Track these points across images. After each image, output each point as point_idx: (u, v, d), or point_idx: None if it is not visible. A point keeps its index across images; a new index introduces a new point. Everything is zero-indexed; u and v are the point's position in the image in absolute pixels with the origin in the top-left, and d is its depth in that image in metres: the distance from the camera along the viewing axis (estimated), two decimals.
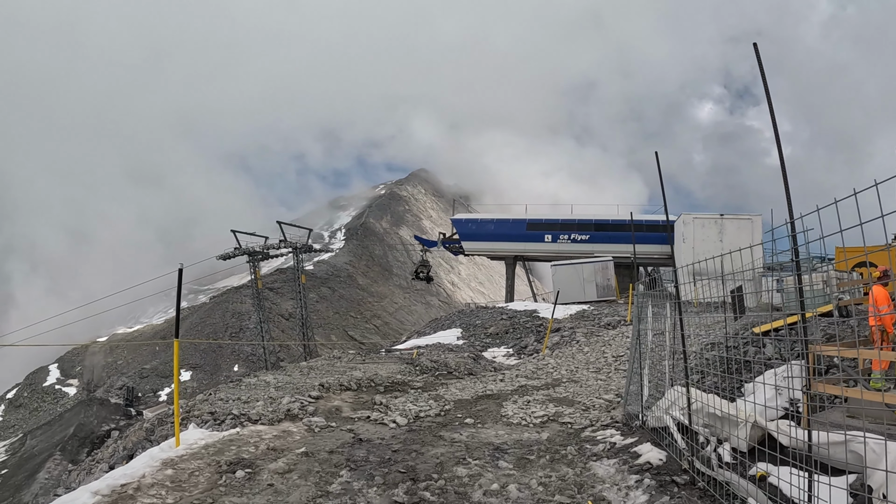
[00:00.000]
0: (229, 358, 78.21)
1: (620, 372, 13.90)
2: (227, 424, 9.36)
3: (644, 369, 9.12)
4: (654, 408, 7.62)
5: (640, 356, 7.90)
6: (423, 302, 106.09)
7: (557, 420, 8.98)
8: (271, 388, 12.01)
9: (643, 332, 8.24)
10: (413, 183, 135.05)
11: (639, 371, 8.95)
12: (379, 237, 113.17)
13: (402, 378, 13.27)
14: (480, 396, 11.26)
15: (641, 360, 7.86)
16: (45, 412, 76.57)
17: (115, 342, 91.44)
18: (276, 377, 13.24)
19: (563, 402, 10.60)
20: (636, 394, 8.74)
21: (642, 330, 9.20)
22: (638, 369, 8.22)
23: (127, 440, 12.17)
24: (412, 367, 14.87)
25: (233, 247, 50.90)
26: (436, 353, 17.08)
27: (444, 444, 7.47)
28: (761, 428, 4.89)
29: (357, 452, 7.22)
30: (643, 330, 9.53)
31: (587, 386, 12.24)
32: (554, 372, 14.17)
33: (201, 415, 9.96)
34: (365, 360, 15.95)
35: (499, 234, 41.68)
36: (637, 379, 9.45)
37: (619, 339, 17.74)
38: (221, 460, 7.00)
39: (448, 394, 11.57)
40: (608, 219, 41.06)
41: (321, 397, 11.16)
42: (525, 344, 20.50)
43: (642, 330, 9.20)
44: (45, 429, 56.94)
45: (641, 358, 7.89)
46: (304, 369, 14.47)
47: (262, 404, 10.35)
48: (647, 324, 9.17)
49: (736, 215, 31.31)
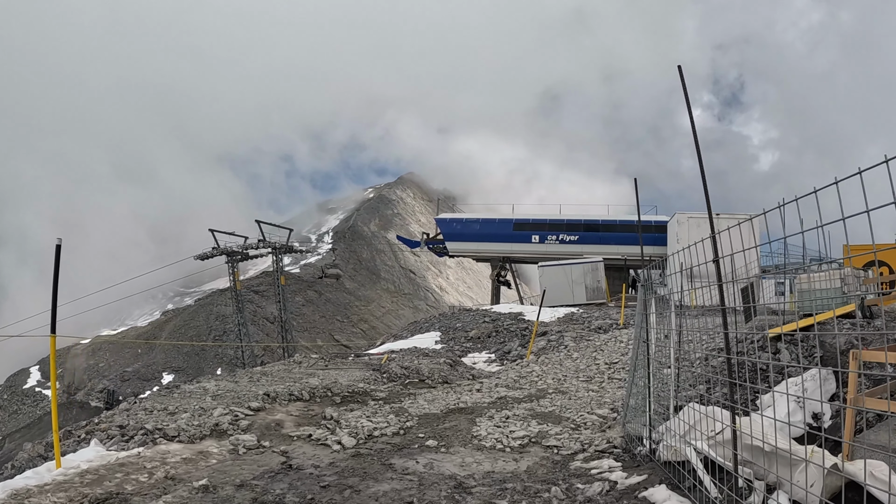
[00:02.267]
0: (212, 361, 76.40)
1: (615, 381, 12.24)
2: (135, 442, 7.61)
3: (650, 381, 7.48)
4: (664, 431, 5.95)
5: (647, 364, 6.24)
6: (411, 306, 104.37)
7: (541, 443, 7.28)
8: (208, 396, 10.24)
9: (646, 335, 6.59)
10: (402, 186, 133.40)
11: (644, 384, 7.29)
12: (367, 241, 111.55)
13: (364, 387, 11.52)
14: (451, 410, 9.54)
15: (649, 369, 6.19)
16: (24, 415, 74.40)
17: (97, 343, 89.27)
18: (219, 384, 11.47)
19: (549, 418, 8.91)
20: (639, 411, 7.07)
21: (643, 334, 7.58)
22: (642, 381, 6.55)
23: (33, 450, 10.33)
24: (379, 374, 13.13)
25: (211, 247, 49.07)
26: (409, 359, 15.34)
27: (392, 478, 5.74)
28: (841, 474, 3.21)
29: (274, 487, 5.48)
30: (647, 332, 7.91)
31: (577, 398, 10.56)
32: (539, 381, 12.48)
33: (108, 428, 8.20)
34: (328, 366, 14.18)
35: (485, 234, 40.04)
36: (639, 391, 7.81)
37: (611, 344, 16.08)
38: (89, 495, 5.25)
39: (413, 407, 9.84)
40: (598, 219, 39.60)
41: (263, 409, 9.41)
42: (508, 349, 18.82)
43: (643, 334, 7.58)
44: (24, 432, 55.14)
45: (648, 367, 6.22)
46: (256, 375, 12.71)
47: (187, 417, 8.60)
48: (650, 326, 7.56)
49: (732, 214, 29.89)
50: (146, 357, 79.10)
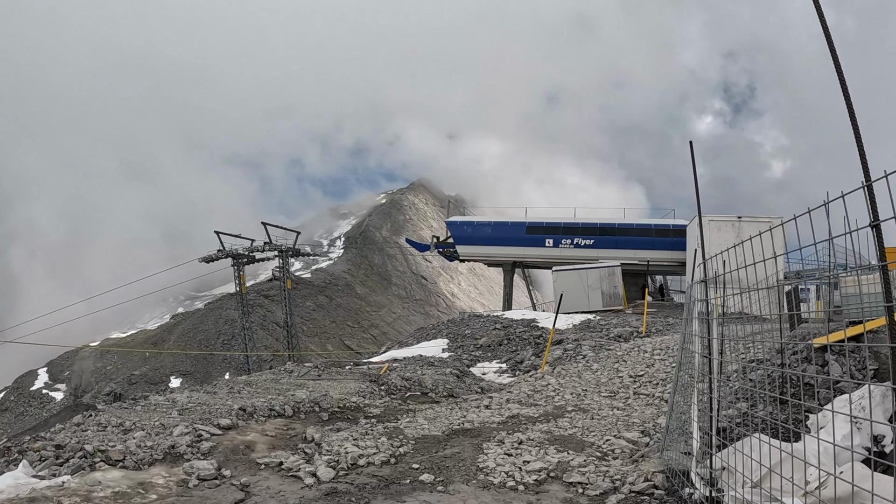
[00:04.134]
0: (220, 365, 75.71)
1: (641, 397, 10.77)
2: (69, 466, 6.29)
3: (693, 403, 6.06)
4: (724, 471, 4.54)
5: (710, 381, 4.85)
6: (422, 312, 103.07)
7: (562, 478, 5.87)
8: (175, 410, 8.91)
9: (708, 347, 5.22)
10: (414, 192, 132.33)
11: (689, 405, 5.86)
12: (378, 246, 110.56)
13: (357, 401, 10.13)
14: (455, 431, 8.13)
15: (712, 387, 4.81)
16: (31, 417, 73.84)
17: (106, 346, 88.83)
18: (193, 396, 10.14)
19: (569, 443, 7.49)
20: (677, 435, 5.67)
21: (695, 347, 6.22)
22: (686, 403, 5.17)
23: None
24: (377, 386, 11.74)
25: (216, 249, 47.98)
26: (411, 369, 13.92)
27: None
28: None
29: None
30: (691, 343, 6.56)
31: (600, 417, 9.13)
32: (556, 396, 11.03)
33: (43, 448, 6.87)
34: (321, 376, 12.80)
35: (496, 237, 38.50)
36: (680, 415, 6.39)
37: (634, 354, 14.59)
38: None
39: (411, 427, 8.43)
40: (614, 222, 37.99)
41: (234, 427, 8.06)
42: (521, 358, 17.34)
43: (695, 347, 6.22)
44: (30, 434, 54.32)
45: (711, 386, 4.85)
46: (239, 385, 11.36)
47: (140, 436, 7.27)
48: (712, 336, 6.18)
49: (755, 217, 28.23)
50: (154, 360, 78.79)
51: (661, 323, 21.72)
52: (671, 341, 15.69)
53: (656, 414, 9.48)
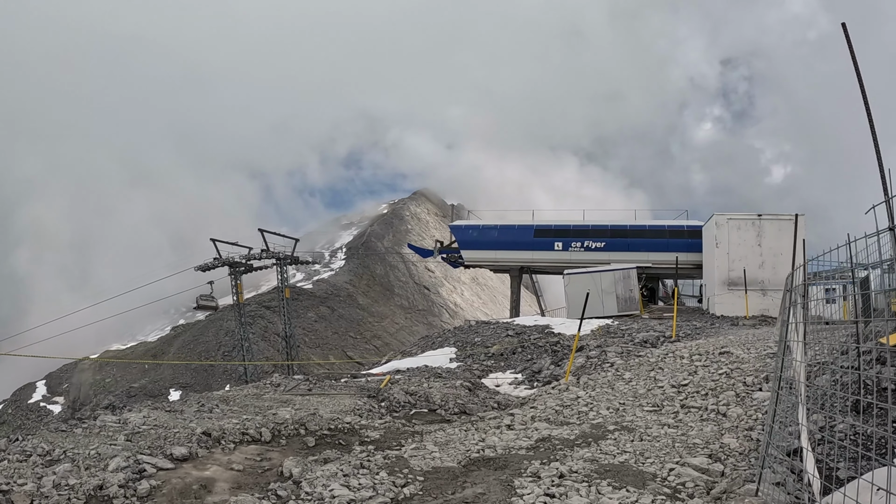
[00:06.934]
0: (220, 377, 74.20)
1: (692, 411, 8.97)
2: None
3: (802, 424, 4.31)
4: None
5: None
6: (426, 322, 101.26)
7: None
8: (122, 434, 7.14)
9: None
10: (416, 202, 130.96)
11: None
12: (380, 256, 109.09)
13: (351, 422, 8.33)
14: (474, 461, 6.34)
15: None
16: (28, 430, 72.18)
17: (105, 358, 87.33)
18: (151, 416, 8.35)
19: (625, 475, 5.72)
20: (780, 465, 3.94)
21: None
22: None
23: None
24: (376, 402, 9.94)
25: (212, 257, 46.31)
26: (416, 381, 12.11)
27: None
28: None
29: None
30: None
31: (651, 438, 7.34)
32: (590, 412, 9.23)
33: None
34: (311, 390, 11.00)
35: (503, 241, 36.71)
36: (779, 435, 4.68)
37: (670, 360, 12.80)
38: None
39: (418, 456, 6.63)
40: (625, 224, 36.27)
41: (191, 458, 6.28)
42: (538, 368, 15.54)
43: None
44: None
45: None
46: (211, 402, 9.58)
47: (63, 471, 5.52)
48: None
49: (776, 215, 26.63)
50: (154, 373, 77.42)
51: (688, 327, 19.99)
52: (707, 346, 13.97)
53: (718, 432, 7.71)
